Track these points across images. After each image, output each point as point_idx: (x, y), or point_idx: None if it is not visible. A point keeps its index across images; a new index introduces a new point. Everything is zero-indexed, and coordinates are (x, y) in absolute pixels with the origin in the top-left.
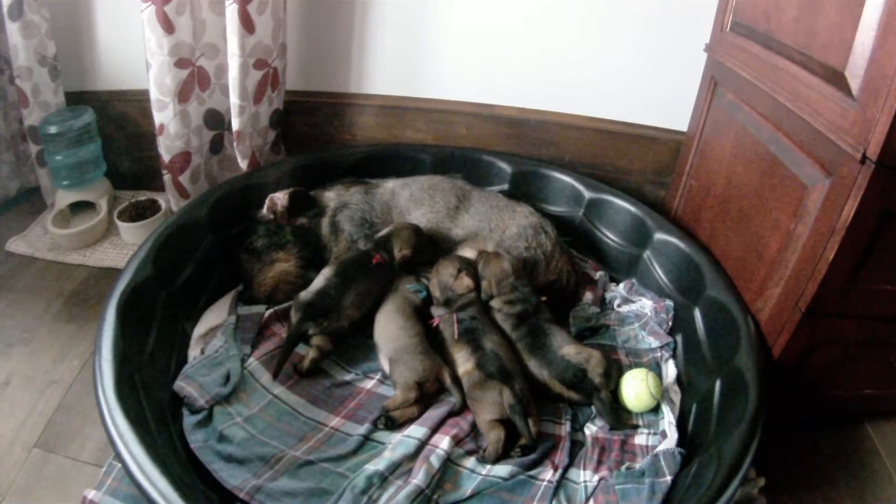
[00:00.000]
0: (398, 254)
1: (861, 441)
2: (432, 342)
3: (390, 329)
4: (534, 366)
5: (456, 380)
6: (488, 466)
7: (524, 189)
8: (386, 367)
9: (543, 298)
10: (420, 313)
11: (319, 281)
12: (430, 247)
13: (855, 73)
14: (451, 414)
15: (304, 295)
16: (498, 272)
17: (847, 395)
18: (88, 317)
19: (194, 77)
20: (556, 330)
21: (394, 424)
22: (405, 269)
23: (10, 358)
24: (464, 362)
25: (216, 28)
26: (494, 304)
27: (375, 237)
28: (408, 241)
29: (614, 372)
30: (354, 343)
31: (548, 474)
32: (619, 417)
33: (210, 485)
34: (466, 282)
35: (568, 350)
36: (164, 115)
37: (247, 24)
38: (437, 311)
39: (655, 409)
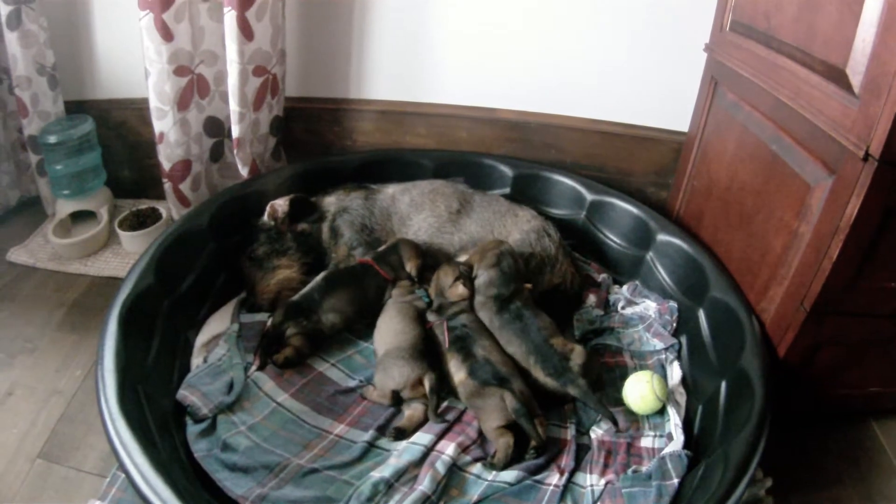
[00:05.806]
0: (411, 266)
1: (868, 439)
2: (430, 348)
3: (384, 335)
4: (521, 350)
5: (433, 389)
6: (494, 472)
7: (526, 192)
8: None
9: (528, 285)
10: (423, 319)
11: (309, 285)
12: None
13: (856, 71)
14: (456, 420)
15: (293, 297)
16: (490, 245)
17: (853, 393)
18: (90, 326)
19: (193, 84)
20: (540, 315)
21: (404, 435)
22: (422, 280)
23: (13, 368)
24: (457, 371)
25: (215, 35)
26: (476, 283)
27: (377, 252)
28: (414, 251)
29: (595, 366)
30: (358, 350)
31: (554, 479)
32: (600, 401)
33: (214, 494)
34: (460, 290)
35: (556, 341)
36: (163, 123)
37: (245, 30)
38: (431, 317)
39: (661, 412)
